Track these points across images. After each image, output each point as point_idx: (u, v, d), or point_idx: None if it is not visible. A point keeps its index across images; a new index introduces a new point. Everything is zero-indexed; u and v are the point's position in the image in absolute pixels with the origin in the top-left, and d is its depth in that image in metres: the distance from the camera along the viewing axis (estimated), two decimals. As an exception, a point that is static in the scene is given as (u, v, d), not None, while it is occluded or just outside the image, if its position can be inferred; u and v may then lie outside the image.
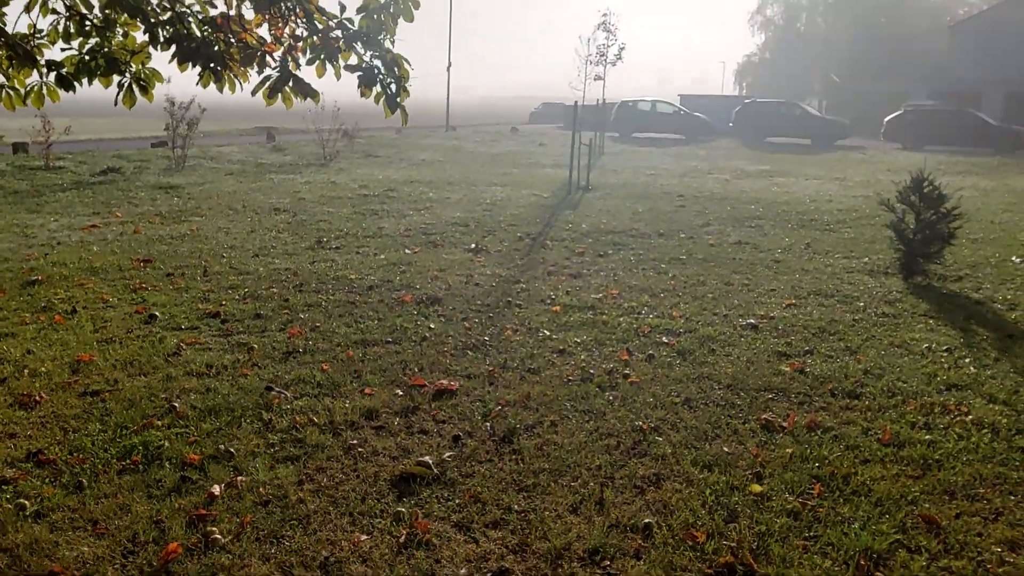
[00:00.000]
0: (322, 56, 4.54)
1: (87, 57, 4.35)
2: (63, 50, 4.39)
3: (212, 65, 4.43)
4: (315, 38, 4.55)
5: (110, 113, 33.45)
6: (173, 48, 4.29)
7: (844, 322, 5.94)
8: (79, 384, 4.44)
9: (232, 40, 4.64)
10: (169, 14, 4.29)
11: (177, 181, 14.08)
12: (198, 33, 4.46)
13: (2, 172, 13.84)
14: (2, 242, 8.40)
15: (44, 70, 4.45)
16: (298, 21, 4.66)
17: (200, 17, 4.52)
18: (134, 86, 4.53)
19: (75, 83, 4.54)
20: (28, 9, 4.29)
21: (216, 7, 4.51)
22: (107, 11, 4.27)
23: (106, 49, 4.41)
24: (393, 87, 4.57)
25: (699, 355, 5.15)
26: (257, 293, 6.53)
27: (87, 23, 4.35)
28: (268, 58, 4.65)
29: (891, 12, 53.07)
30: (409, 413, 4.14)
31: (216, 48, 4.47)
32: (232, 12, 4.62)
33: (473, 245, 8.73)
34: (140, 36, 4.44)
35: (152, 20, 4.24)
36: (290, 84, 4.62)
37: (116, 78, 4.48)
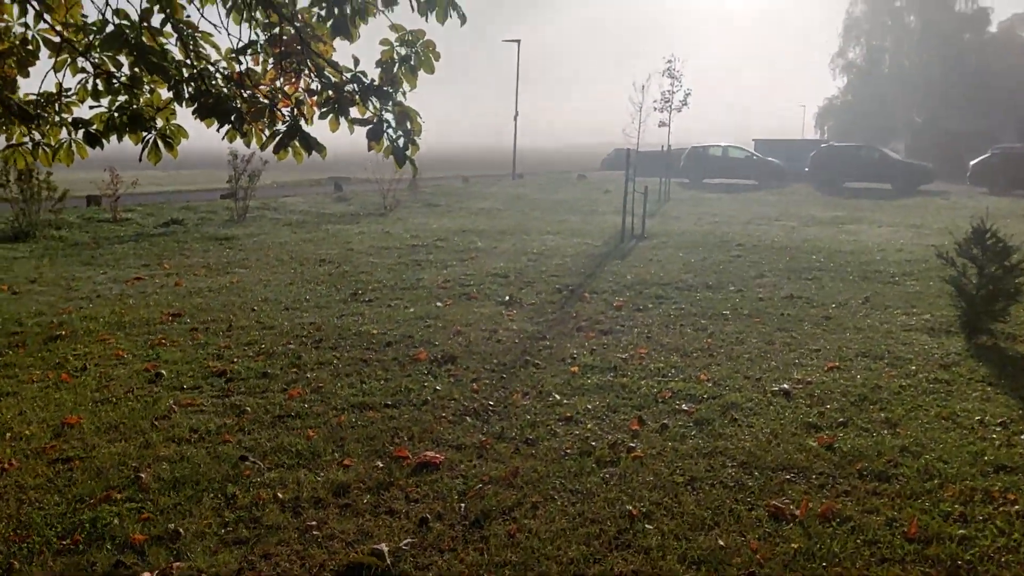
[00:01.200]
0: (335, 108, 4.42)
1: (115, 114, 4.33)
2: (91, 107, 4.39)
3: (233, 119, 4.37)
4: (329, 92, 4.43)
5: (193, 165, 34.79)
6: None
7: (889, 389, 5.39)
8: (56, 450, 4.30)
9: (256, 96, 4.58)
10: (192, 71, 4.25)
11: (234, 232, 14.30)
12: (224, 89, 4.40)
13: (70, 224, 14.32)
14: (43, 295, 8.54)
15: (72, 128, 4.49)
16: (311, 75, 4.56)
17: (226, 73, 4.47)
18: (159, 142, 4.50)
19: (103, 140, 4.54)
20: (57, 68, 4.31)
21: (242, 63, 4.46)
22: (135, 69, 4.25)
23: (134, 106, 4.39)
24: (401, 140, 4.39)
25: (718, 425, 4.71)
26: (273, 350, 6.39)
27: (114, 81, 4.34)
28: (278, 112, 4.57)
29: (980, 51, 51.16)
30: (382, 489, 3.84)
31: (234, 103, 4.41)
32: (258, 68, 4.57)
33: (507, 298, 8.45)
34: (165, 93, 4.43)
35: (176, 78, 4.20)
36: (297, 139, 4.52)
37: (143, 134, 4.46)
